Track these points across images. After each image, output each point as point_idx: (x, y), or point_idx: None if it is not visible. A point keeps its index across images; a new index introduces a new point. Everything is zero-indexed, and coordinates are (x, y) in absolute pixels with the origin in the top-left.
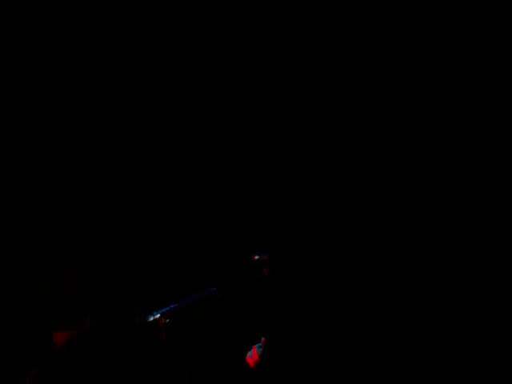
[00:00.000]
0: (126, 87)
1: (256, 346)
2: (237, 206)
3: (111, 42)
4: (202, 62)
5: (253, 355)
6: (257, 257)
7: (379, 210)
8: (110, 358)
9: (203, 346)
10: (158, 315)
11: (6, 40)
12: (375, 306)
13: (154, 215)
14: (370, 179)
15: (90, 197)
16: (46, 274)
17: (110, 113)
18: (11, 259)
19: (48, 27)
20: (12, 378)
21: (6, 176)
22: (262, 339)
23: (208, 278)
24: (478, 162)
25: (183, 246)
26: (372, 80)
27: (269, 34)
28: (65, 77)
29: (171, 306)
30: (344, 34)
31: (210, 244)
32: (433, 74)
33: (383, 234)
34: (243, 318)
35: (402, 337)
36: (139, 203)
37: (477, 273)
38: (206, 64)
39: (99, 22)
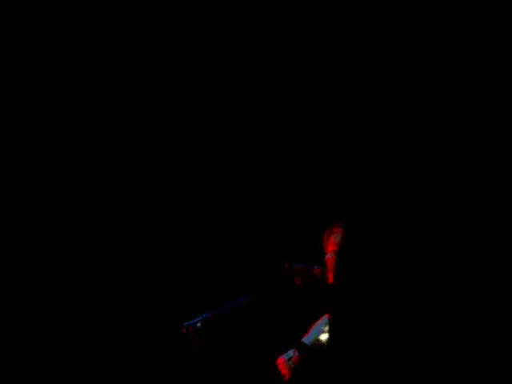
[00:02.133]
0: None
1: (285, 356)
2: (268, 215)
3: (111, 42)
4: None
5: (282, 365)
6: (289, 265)
7: None
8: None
9: (234, 355)
10: (190, 325)
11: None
12: None
13: (186, 225)
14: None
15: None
16: None
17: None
18: None
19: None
20: None
21: None
22: (293, 349)
23: (239, 288)
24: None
25: (214, 255)
26: None
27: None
28: (65, 77)
29: (203, 316)
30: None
31: (242, 253)
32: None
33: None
34: (274, 328)
35: None
36: (173, 215)
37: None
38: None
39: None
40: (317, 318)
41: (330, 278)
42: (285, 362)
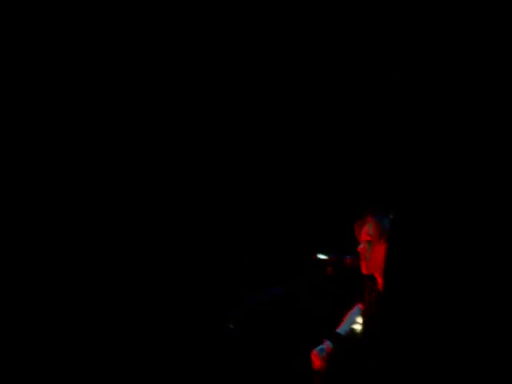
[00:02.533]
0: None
1: (318, 347)
2: (300, 206)
3: (111, 42)
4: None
5: (316, 356)
6: (320, 256)
7: None
8: None
9: (268, 347)
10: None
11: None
12: None
13: (218, 216)
14: None
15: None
16: None
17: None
18: None
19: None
20: None
21: None
22: (326, 340)
23: (272, 279)
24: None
25: (247, 248)
26: None
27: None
28: (65, 77)
29: (236, 309)
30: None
31: (273, 244)
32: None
33: None
34: (307, 319)
35: None
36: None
37: None
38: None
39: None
40: (349, 308)
41: (363, 268)
42: (319, 352)
